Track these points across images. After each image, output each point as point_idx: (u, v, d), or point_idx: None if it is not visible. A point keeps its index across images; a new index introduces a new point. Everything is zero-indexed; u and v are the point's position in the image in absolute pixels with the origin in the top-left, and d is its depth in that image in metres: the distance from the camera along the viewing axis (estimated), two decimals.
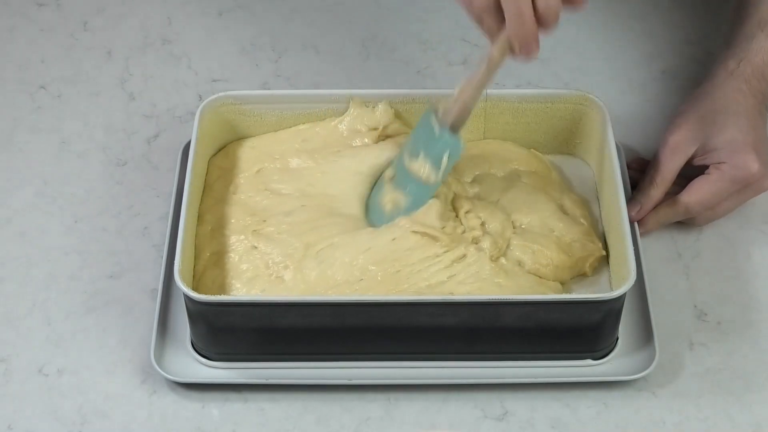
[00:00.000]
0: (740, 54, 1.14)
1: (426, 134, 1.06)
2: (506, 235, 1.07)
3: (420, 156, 1.05)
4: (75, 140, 1.23)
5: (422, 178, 1.06)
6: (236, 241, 1.08)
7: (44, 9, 1.38)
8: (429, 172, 1.05)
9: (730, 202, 1.11)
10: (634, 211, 1.11)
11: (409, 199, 1.06)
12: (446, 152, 1.04)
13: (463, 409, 1.02)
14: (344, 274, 1.04)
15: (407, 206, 1.06)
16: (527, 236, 1.07)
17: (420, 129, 1.07)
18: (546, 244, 1.06)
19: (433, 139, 1.05)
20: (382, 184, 1.09)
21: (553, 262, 1.06)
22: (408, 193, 1.07)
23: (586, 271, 1.08)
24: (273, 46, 1.33)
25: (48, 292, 1.10)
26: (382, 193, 1.09)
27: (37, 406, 1.03)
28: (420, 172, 1.06)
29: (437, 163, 1.05)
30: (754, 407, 1.02)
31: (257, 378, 1.03)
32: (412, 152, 1.06)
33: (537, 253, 1.06)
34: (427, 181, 1.06)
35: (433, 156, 1.05)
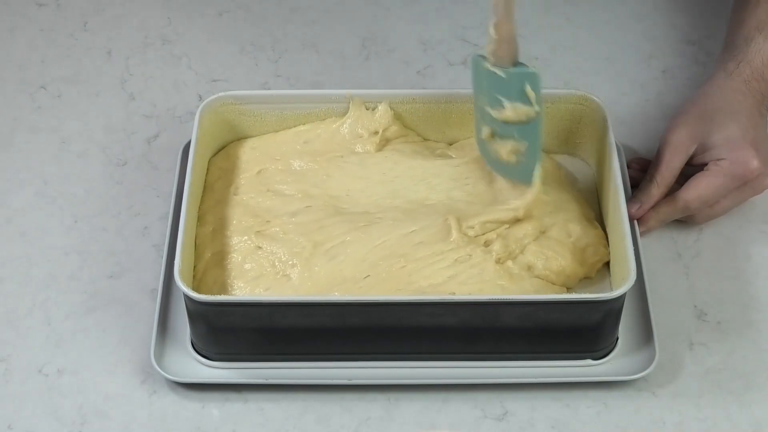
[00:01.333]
0: (739, 56, 1.14)
1: (493, 83, 1.04)
2: (524, 241, 1.07)
3: (504, 103, 1.04)
4: (75, 140, 1.23)
5: (522, 119, 1.04)
6: (239, 242, 1.08)
7: (44, 9, 1.38)
8: (525, 110, 1.04)
9: (729, 200, 1.11)
10: (634, 208, 1.11)
11: (524, 142, 1.05)
12: (526, 85, 1.03)
13: (463, 409, 1.02)
14: (352, 270, 1.04)
15: (526, 146, 1.06)
16: (543, 242, 1.07)
17: (483, 80, 1.05)
18: (561, 252, 1.06)
19: (503, 82, 1.03)
20: (486, 145, 1.08)
21: (565, 271, 1.06)
22: (519, 137, 1.06)
23: (591, 275, 1.08)
24: (273, 46, 1.33)
25: (48, 292, 1.10)
26: (494, 151, 1.07)
27: (37, 406, 1.03)
28: (518, 116, 1.04)
29: (525, 99, 1.03)
30: (754, 407, 1.02)
31: (257, 378, 1.03)
32: (493, 104, 1.05)
33: (550, 259, 1.06)
34: (528, 118, 1.04)
35: (517, 96, 1.04)
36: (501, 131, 1.06)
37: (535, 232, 1.07)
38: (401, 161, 1.14)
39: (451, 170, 1.13)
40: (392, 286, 1.03)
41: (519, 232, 1.07)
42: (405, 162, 1.14)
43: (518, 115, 1.04)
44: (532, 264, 1.06)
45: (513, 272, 1.05)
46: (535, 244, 1.07)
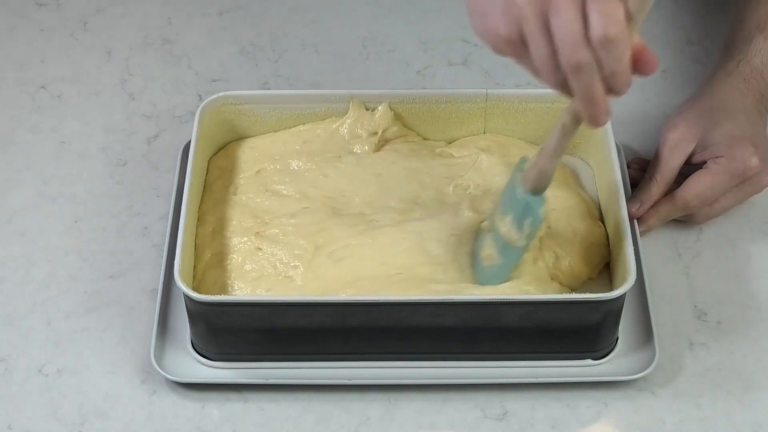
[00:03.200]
0: (739, 56, 1.15)
1: (512, 193, 1.02)
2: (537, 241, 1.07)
3: (507, 216, 1.01)
4: (75, 140, 1.23)
5: (509, 239, 1.01)
6: (239, 242, 1.08)
7: (44, 9, 1.38)
8: (513, 233, 1.01)
9: (729, 199, 1.11)
10: (634, 207, 1.11)
11: (501, 257, 1.03)
12: (527, 218, 1.00)
13: (463, 409, 1.02)
14: (367, 271, 1.04)
15: (499, 264, 1.03)
16: (553, 240, 1.07)
17: (508, 187, 1.03)
18: (570, 252, 1.06)
19: (516, 199, 1.01)
20: (483, 235, 1.06)
21: (573, 271, 1.06)
22: (499, 250, 1.03)
23: (593, 276, 1.08)
24: (273, 46, 1.33)
25: (48, 292, 1.10)
26: (482, 245, 1.05)
27: (37, 406, 1.03)
28: (507, 234, 1.01)
29: (520, 226, 1.01)
30: (754, 407, 1.02)
31: (257, 378, 1.03)
32: (503, 211, 1.02)
33: (560, 259, 1.06)
34: (513, 243, 1.01)
35: (516, 218, 1.01)
36: (495, 236, 1.03)
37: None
38: (397, 161, 1.14)
39: (445, 169, 1.13)
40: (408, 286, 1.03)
41: None
42: (401, 162, 1.14)
43: (509, 234, 1.01)
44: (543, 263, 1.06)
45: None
46: (546, 238, 1.07)
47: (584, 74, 0.86)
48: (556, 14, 0.85)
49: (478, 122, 1.16)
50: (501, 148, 1.15)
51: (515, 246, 1.01)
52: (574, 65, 0.86)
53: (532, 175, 0.99)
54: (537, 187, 1.00)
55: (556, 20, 0.85)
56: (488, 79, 1.29)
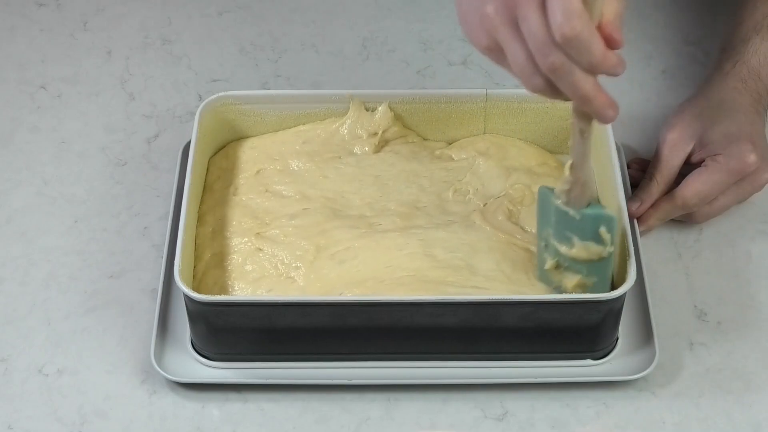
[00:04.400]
0: (736, 56, 1.15)
1: (563, 220, 0.99)
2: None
3: (575, 241, 0.99)
4: (75, 140, 1.23)
5: (594, 258, 0.99)
6: (239, 243, 1.08)
7: (44, 9, 1.38)
8: (596, 250, 0.99)
9: (728, 197, 1.11)
10: (634, 207, 1.11)
11: (593, 277, 1.00)
12: (601, 227, 0.98)
13: (463, 409, 1.02)
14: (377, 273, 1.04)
15: (595, 282, 1.01)
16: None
17: (551, 216, 1.00)
18: None
19: (576, 222, 0.98)
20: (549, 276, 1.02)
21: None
22: (588, 274, 1.00)
23: None
24: (273, 46, 1.33)
25: (48, 292, 1.10)
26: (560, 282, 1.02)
27: (37, 406, 1.03)
28: (590, 255, 0.99)
29: (598, 239, 0.98)
30: (754, 407, 1.02)
31: (257, 378, 1.03)
32: (561, 240, 1.00)
33: None
34: (600, 258, 0.99)
35: (590, 236, 0.98)
36: (568, 264, 1.01)
37: None
38: (397, 163, 1.14)
39: (444, 173, 1.13)
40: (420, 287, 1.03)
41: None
42: (400, 164, 1.14)
43: (590, 254, 0.99)
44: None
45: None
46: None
47: (564, 74, 0.86)
48: (524, 20, 0.86)
49: (478, 122, 1.16)
50: (500, 150, 1.15)
51: (604, 258, 0.99)
52: (550, 68, 0.86)
53: (577, 192, 0.97)
54: (586, 198, 0.98)
55: (524, 26, 0.86)
56: (488, 79, 1.29)
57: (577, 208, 0.98)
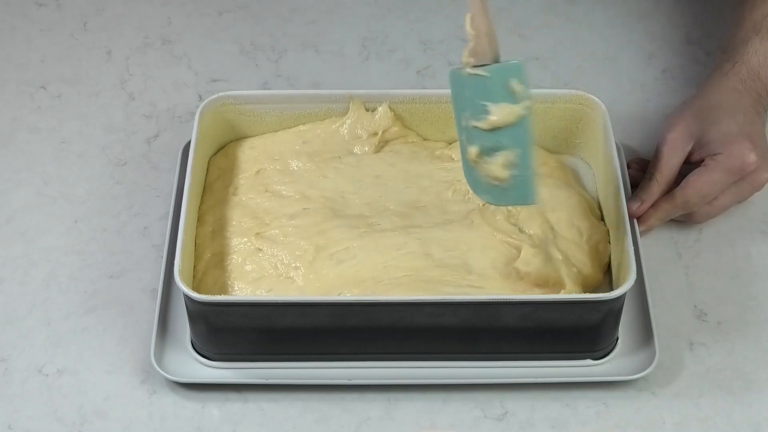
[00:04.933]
0: (735, 56, 1.15)
1: (476, 88, 0.96)
2: (548, 238, 1.07)
3: (490, 108, 0.95)
4: (75, 140, 1.23)
5: (511, 120, 0.95)
6: (239, 243, 1.08)
7: (44, 9, 1.38)
8: (512, 109, 0.95)
9: (728, 197, 1.11)
10: (634, 207, 1.11)
11: (515, 149, 0.96)
12: (511, 79, 0.94)
13: (463, 409, 1.02)
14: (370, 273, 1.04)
15: (518, 154, 0.97)
16: (560, 242, 1.07)
17: (465, 91, 0.97)
18: (577, 254, 1.06)
19: (488, 83, 0.95)
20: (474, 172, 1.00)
21: (582, 272, 1.06)
22: (508, 146, 0.96)
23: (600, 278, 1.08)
24: (273, 46, 1.33)
25: (48, 292, 1.10)
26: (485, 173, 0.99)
27: (37, 406, 1.03)
28: (506, 118, 0.95)
29: (511, 97, 0.95)
30: (754, 407, 1.02)
31: (257, 378, 1.03)
32: (478, 113, 0.96)
33: (570, 262, 1.06)
34: (518, 117, 0.95)
35: (502, 95, 0.95)
36: (490, 144, 0.97)
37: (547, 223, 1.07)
38: (397, 163, 1.14)
39: (444, 173, 1.13)
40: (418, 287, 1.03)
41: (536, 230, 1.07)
42: (400, 164, 1.14)
43: (506, 116, 0.96)
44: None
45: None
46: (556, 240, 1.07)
47: None
48: None
49: None
50: None
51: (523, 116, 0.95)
52: None
53: (484, 43, 0.95)
54: (495, 52, 0.96)
55: None
56: None
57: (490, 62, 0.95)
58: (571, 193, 1.11)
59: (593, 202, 1.13)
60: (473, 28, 0.96)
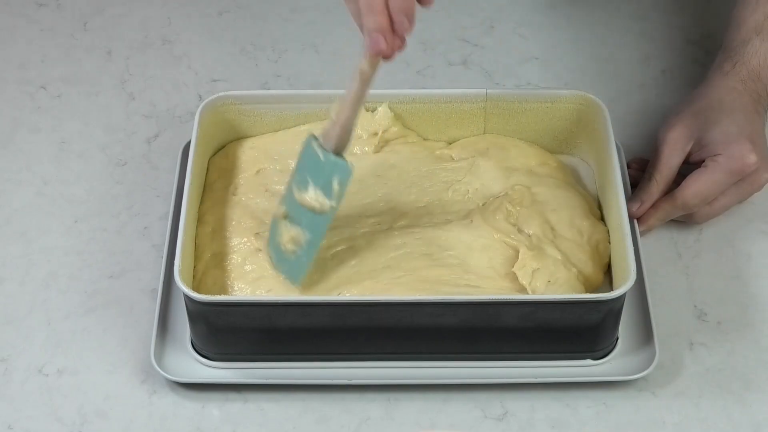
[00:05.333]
0: (735, 57, 1.15)
1: (311, 163, 1.01)
2: (548, 238, 1.07)
3: (309, 186, 1.01)
4: (75, 140, 1.23)
5: (316, 208, 1.01)
6: (239, 243, 1.08)
7: (44, 9, 1.38)
8: (322, 200, 1.01)
9: (728, 197, 1.11)
10: (634, 207, 1.11)
11: (307, 233, 1.02)
12: (335, 177, 1.00)
13: (463, 409, 1.02)
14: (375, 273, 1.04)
15: (307, 240, 1.02)
16: (561, 242, 1.07)
17: (304, 159, 1.02)
18: (578, 254, 1.06)
19: (319, 166, 1.01)
20: (276, 225, 1.04)
21: (583, 272, 1.06)
22: (305, 227, 1.02)
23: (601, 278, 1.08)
24: (273, 46, 1.33)
25: (48, 292, 1.10)
26: (279, 233, 1.04)
27: (37, 406, 1.03)
28: (313, 203, 1.01)
29: (328, 190, 1.00)
30: (754, 407, 1.02)
31: (257, 378, 1.03)
32: (300, 184, 1.02)
33: (571, 263, 1.06)
34: (322, 210, 1.01)
35: (322, 183, 1.01)
36: (294, 215, 1.03)
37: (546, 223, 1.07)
38: (397, 163, 1.14)
39: (444, 173, 1.13)
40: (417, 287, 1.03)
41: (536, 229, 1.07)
42: (400, 164, 1.14)
43: (314, 202, 1.01)
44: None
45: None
46: (557, 241, 1.07)
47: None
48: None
49: (477, 122, 1.16)
50: (500, 151, 1.15)
51: (326, 213, 1.01)
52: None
53: (335, 132, 1.00)
54: (340, 145, 1.00)
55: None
56: (488, 79, 1.29)
57: (329, 150, 1.00)
58: (571, 193, 1.11)
59: (593, 202, 1.13)
60: (336, 115, 1.00)
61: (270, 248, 1.06)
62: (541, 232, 1.07)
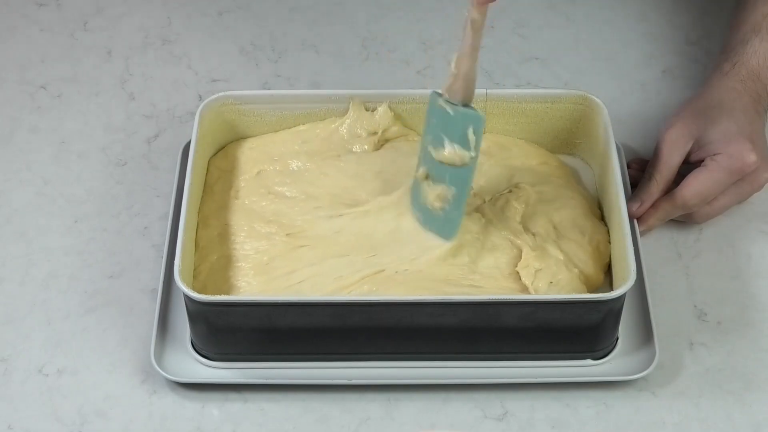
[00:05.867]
0: (735, 57, 1.15)
1: (441, 120, 1.03)
2: (551, 238, 1.07)
3: (445, 143, 1.03)
4: (75, 140, 1.23)
5: (456, 162, 1.03)
6: (245, 246, 1.07)
7: (44, 9, 1.38)
8: (461, 153, 1.02)
9: (728, 197, 1.11)
10: (634, 207, 1.11)
11: (452, 188, 1.03)
12: (469, 127, 1.01)
13: (463, 409, 1.02)
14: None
15: (454, 195, 1.04)
16: (563, 242, 1.07)
17: (433, 118, 1.04)
18: (580, 255, 1.06)
19: (451, 121, 1.02)
20: (418, 188, 1.06)
21: (584, 273, 1.06)
22: (449, 182, 1.03)
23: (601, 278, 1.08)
24: (273, 46, 1.33)
25: (48, 292, 1.10)
26: (423, 194, 1.06)
27: (37, 406, 1.03)
28: (453, 158, 1.03)
29: (465, 142, 1.02)
30: (754, 407, 1.02)
31: (257, 378, 1.03)
32: (435, 143, 1.03)
33: (572, 264, 1.06)
34: (463, 163, 1.03)
35: (458, 137, 1.02)
36: (436, 174, 1.04)
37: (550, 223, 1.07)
38: (397, 159, 1.14)
39: None
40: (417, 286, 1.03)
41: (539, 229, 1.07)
42: (401, 160, 1.14)
43: (454, 156, 1.02)
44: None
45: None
46: (559, 241, 1.07)
47: None
48: None
49: None
50: (501, 149, 1.15)
51: (467, 164, 1.02)
52: None
53: (459, 85, 1.01)
54: (467, 96, 1.02)
55: None
56: (488, 79, 1.29)
57: (457, 102, 1.02)
58: (573, 193, 1.11)
59: (594, 201, 1.13)
60: (456, 67, 1.01)
61: (415, 210, 1.07)
62: (544, 231, 1.07)
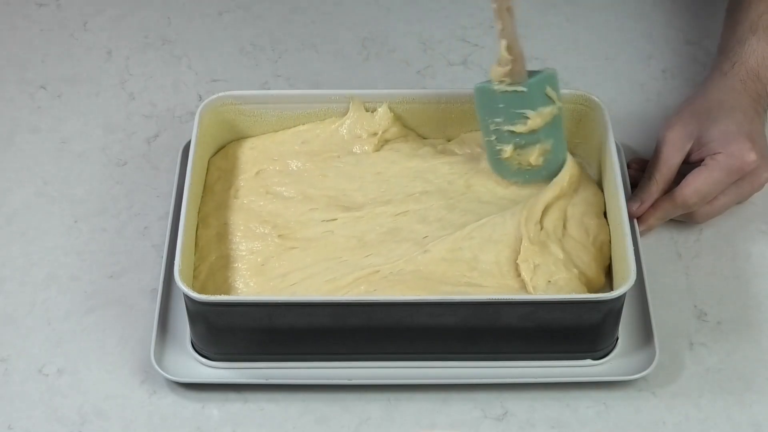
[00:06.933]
0: (733, 57, 1.15)
1: (514, 102, 1.07)
2: (556, 235, 1.07)
3: (528, 114, 1.07)
4: (75, 140, 1.23)
5: (549, 120, 1.07)
6: (244, 246, 1.07)
7: (44, 9, 1.38)
8: (549, 111, 1.07)
9: (728, 197, 1.11)
10: (634, 207, 1.11)
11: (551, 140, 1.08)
12: (546, 87, 1.07)
13: (463, 409, 1.02)
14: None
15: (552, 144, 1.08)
16: (567, 240, 1.07)
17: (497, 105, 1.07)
18: (582, 255, 1.06)
19: (526, 97, 1.06)
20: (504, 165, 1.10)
21: (585, 274, 1.06)
22: (544, 138, 1.08)
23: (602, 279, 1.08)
24: (273, 46, 1.33)
25: (48, 292, 1.10)
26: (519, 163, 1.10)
27: (37, 406, 1.03)
28: (545, 119, 1.07)
29: (546, 102, 1.07)
30: (754, 407, 1.02)
31: (257, 378, 1.03)
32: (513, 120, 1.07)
33: (574, 264, 1.06)
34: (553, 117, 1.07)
35: (540, 102, 1.07)
36: (525, 142, 1.08)
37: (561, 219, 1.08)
38: (398, 160, 1.14)
39: (447, 167, 1.13)
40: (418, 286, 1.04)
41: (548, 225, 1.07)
42: (401, 161, 1.14)
43: (543, 118, 1.07)
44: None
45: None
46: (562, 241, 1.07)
47: None
48: None
49: (477, 122, 1.16)
50: None
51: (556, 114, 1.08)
52: None
53: (518, 66, 1.06)
54: (525, 71, 1.07)
55: None
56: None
57: (523, 81, 1.06)
58: (594, 190, 1.11)
59: (602, 199, 1.13)
60: (511, 54, 1.05)
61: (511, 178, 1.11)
62: (552, 227, 1.07)
